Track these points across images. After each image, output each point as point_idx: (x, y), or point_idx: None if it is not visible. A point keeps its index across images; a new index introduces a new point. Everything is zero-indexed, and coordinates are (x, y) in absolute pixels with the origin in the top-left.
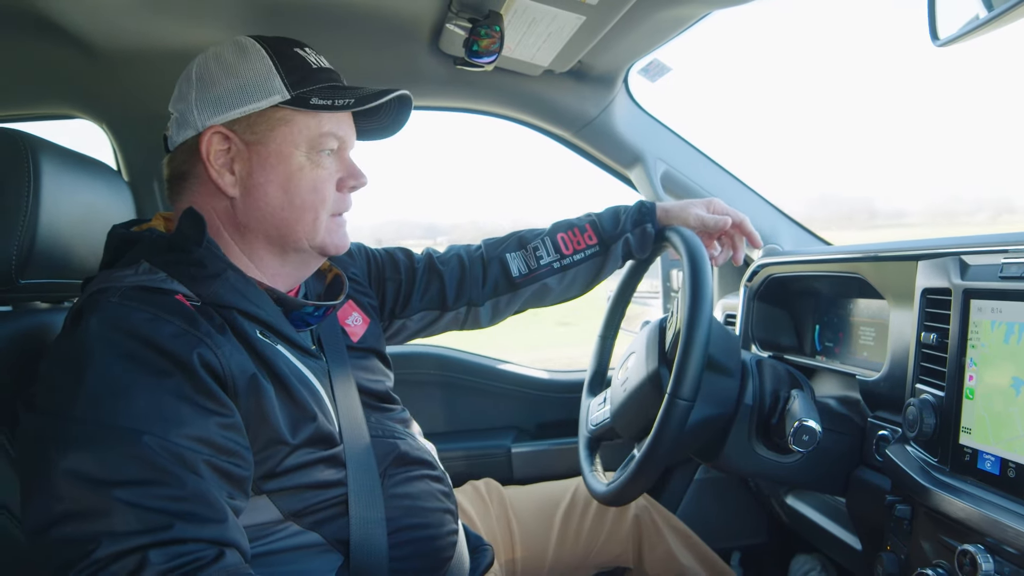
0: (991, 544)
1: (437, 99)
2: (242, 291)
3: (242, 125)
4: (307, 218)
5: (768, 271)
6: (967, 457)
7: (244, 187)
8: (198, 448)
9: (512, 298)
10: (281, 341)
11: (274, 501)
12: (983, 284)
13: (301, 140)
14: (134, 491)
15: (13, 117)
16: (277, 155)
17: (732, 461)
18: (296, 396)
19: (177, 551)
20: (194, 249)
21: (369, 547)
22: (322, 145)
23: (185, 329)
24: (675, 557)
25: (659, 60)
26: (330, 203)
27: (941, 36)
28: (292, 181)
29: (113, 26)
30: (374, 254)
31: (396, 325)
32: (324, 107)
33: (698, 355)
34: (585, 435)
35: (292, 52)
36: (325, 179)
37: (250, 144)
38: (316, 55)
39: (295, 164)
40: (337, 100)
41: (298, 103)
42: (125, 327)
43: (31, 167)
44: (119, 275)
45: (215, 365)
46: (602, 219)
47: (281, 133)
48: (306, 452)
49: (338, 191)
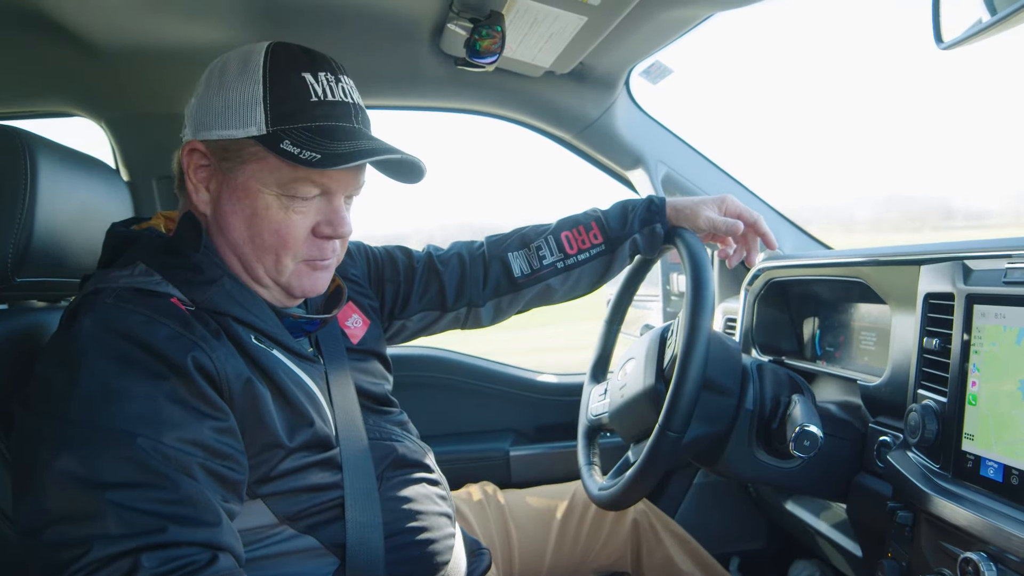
0: (994, 552)
1: (437, 100)
2: (237, 298)
3: (218, 148)
4: (267, 260)
5: (769, 275)
6: (970, 464)
7: (214, 208)
8: (192, 451)
9: (514, 298)
10: (277, 346)
11: (269, 505)
12: (986, 289)
13: (271, 181)
14: (127, 494)
15: (11, 115)
16: (244, 189)
17: (732, 466)
18: (293, 401)
19: (170, 555)
20: (191, 254)
21: (365, 551)
22: (295, 191)
23: (180, 332)
24: (673, 562)
25: (661, 62)
26: (295, 249)
27: (945, 39)
28: (256, 219)
29: (113, 24)
30: (374, 254)
31: (396, 326)
32: (289, 156)
33: (691, 389)
34: (584, 423)
35: (296, 78)
36: (293, 224)
37: (223, 170)
38: (333, 83)
39: (261, 203)
40: (304, 152)
41: (270, 142)
42: (120, 329)
43: (28, 164)
44: (115, 275)
45: (209, 369)
46: (608, 217)
47: (252, 168)
48: (302, 456)
49: (314, 235)
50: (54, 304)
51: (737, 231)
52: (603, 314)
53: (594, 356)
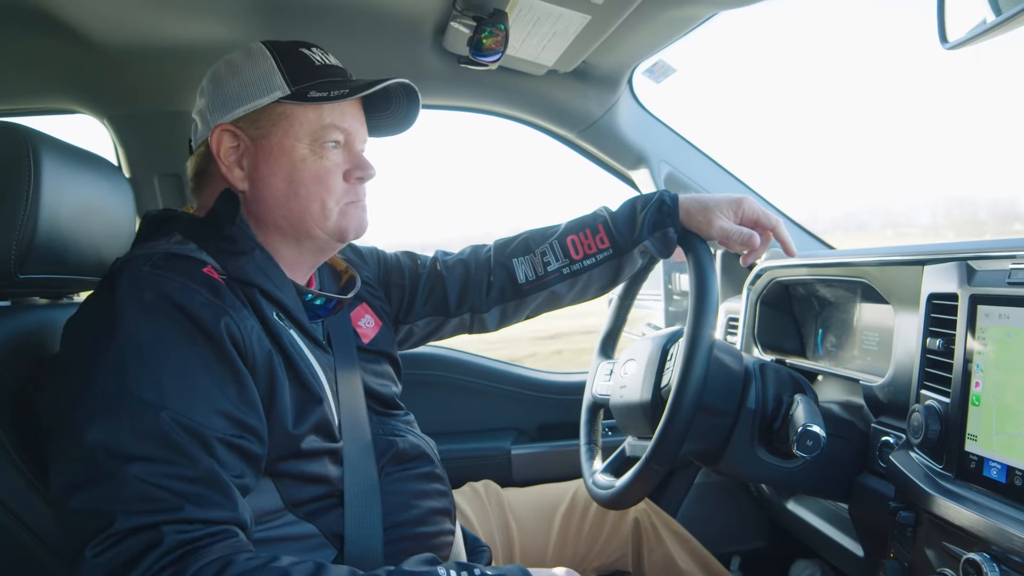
0: (997, 553)
1: (440, 98)
2: (266, 271)
3: (247, 122)
4: (314, 207)
5: (772, 274)
6: (973, 464)
7: (252, 181)
8: (215, 423)
9: (520, 304)
10: (294, 326)
11: (278, 486)
12: (990, 290)
13: (303, 133)
14: (148, 467)
15: (14, 112)
16: (280, 148)
17: (734, 466)
18: (304, 380)
19: (186, 530)
20: (227, 226)
21: (364, 543)
22: (325, 137)
23: (212, 300)
24: (674, 561)
25: (664, 61)
26: (337, 193)
27: (950, 39)
28: (296, 172)
29: (115, 22)
30: (384, 258)
31: (403, 331)
32: (321, 99)
33: (679, 430)
34: (588, 398)
35: (297, 52)
36: (329, 170)
37: (255, 139)
38: (324, 54)
39: (298, 156)
40: (333, 92)
41: (297, 97)
42: (158, 291)
43: (31, 161)
44: (151, 244)
45: (238, 337)
46: (616, 220)
47: (283, 127)
48: (310, 440)
49: (346, 182)
50: (57, 301)
51: (753, 245)
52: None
53: (604, 330)
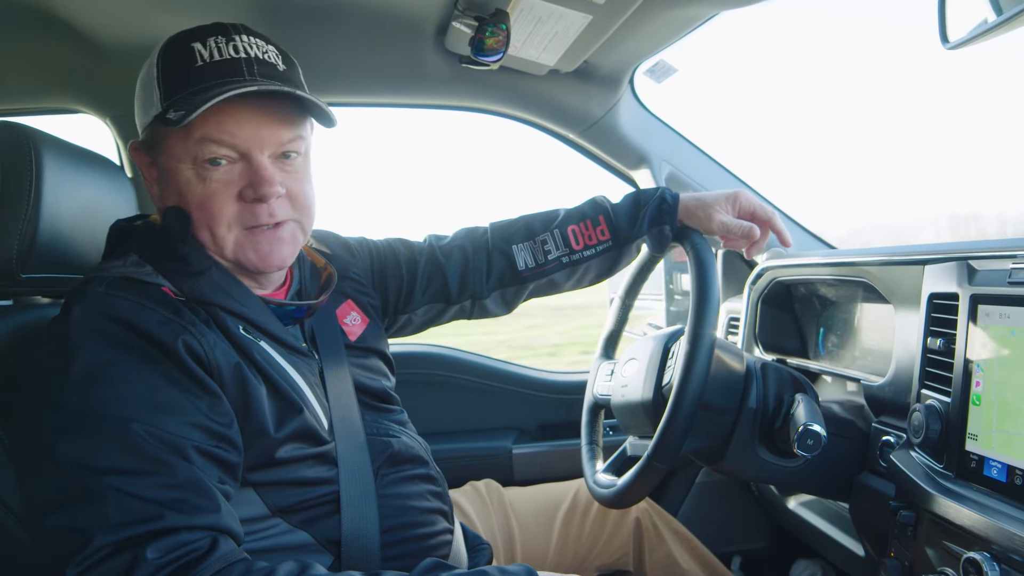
0: (997, 552)
1: (441, 98)
2: (225, 288)
3: (145, 142)
4: (204, 237)
5: (773, 274)
6: (973, 464)
7: (162, 202)
8: (187, 434)
9: (519, 290)
10: (265, 337)
11: (261, 494)
12: (991, 290)
13: (181, 154)
14: (124, 480)
15: (16, 111)
16: (167, 172)
17: (735, 465)
18: (280, 390)
19: (171, 542)
20: (179, 246)
21: (360, 547)
22: (203, 155)
23: (169, 318)
24: (675, 560)
25: (665, 61)
26: (227, 218)
27: (951, 39)
28: (183, 198)
29: (117, 21)
30: (377, 248)
31: (401, 320)
32: (168, 123)
33: (680, 428)
34: (590, 398)
35: (184, 49)
36: (213, 193)
37: (155, 160)
38: (223, 43)
39: (183, 179)
40: (172, 112)
41: (162, 117)
42: (111, 314)
43: (33, 160)
44: (109, 265)
45: (199, 352)
46: (618, 213)
47: (166, 148)
48: (295, 447)
49: (242, 202)
50: (58, 300)
51: (753, 237)
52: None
53: (606, 331)
